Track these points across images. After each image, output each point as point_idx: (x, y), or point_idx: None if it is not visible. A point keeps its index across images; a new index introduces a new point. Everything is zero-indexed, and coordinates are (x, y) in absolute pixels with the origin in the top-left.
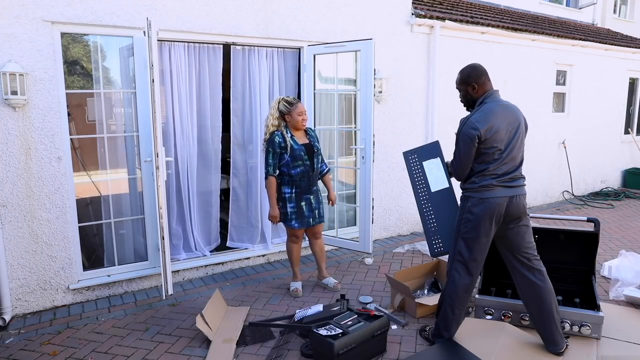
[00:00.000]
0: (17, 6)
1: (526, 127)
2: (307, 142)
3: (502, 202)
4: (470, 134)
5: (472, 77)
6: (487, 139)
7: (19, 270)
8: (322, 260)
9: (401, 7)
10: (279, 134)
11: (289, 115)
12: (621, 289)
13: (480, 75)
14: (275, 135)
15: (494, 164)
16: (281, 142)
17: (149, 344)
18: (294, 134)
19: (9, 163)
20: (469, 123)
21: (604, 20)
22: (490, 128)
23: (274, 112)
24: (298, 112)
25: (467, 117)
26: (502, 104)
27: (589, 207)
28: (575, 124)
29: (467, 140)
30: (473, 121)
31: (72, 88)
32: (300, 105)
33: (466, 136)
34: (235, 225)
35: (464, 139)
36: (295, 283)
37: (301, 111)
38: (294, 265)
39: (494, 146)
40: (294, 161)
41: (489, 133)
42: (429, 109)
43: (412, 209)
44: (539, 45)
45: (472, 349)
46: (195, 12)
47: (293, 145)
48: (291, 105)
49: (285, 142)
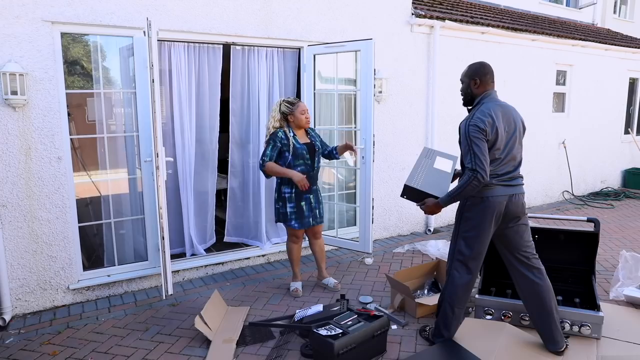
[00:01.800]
0: (17, 6)
1: (524, 128)
2: (309, 141)
3: (502, 200)
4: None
5: (478, 72)
6: (489, 139)
7: (19, 270)
8: (322, 261)
9: (401, 7)
10: (282, 131)
11: (292, 115)
12: (621, 289)
13: (486, 72)
14: (279, 131)
15: (494, 164)
16: (283, 138)
17: (149, 344)
18: (296, 134)
19: (9, 163)
20: (474, 121)
21: (604, 20)
22: (492, 127)
23: (275, 115)
24: (301, 111)
25: (467, 118)
26: (500, 104)
27: (589, 207)
28: (575, 124)
29: (477, 135)
30: (476, 120)
31: (72, 88)
32: (302, 103)
33: (475, 132)
34: (233, 223)
35: (474, 135)
36: (295, 283)
37: (304, 109)
38: (294, 265)
39: (494, 146)
40: (296, 160)
41: (491, 131)
42: (429, 109)
43: (412, 208)
44: (539, 45)
45: (472, 349)
46: (195, 12)
47: (295, 144)
48: (293, 105)
49: (288, 140)
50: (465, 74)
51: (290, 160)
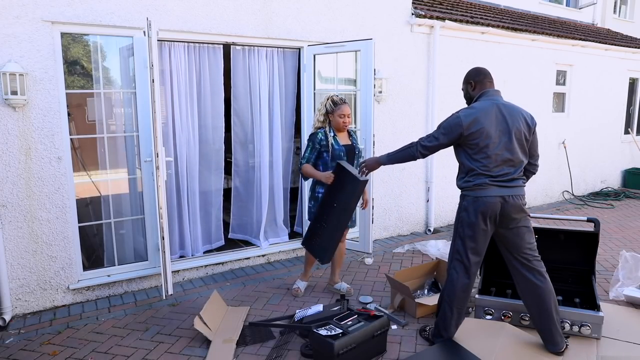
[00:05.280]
0: (17, 6)
1: (530, 129)
2: (349, 143)
3: (496, 201)
4: (452, 122)
5: (472, 75)
6: (471, 133)
7: (19, 270)
8: (338, 265)
9: (401, 7)
10: (322, 132)
11: (331, 115)
12: (621, 289)
13: (478, 74)
14: (319, 132)
15: (484, 163)
16: (322, 139)
17: (149, 344)
18: (337, 134)
19: (9, 163)
20: (455, 114)
21: (604, 20)
22: (475, 122)
23: (322, 109)
24: (340, 114)
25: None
26: (499, 103)
27: (589, 207)
28: (575, 124)
29: (448, 127)
30: (459, 114)
31: (72, 88)
32: (344, 107)
33: (448, 124)
34: (238, 221)
35: (446, 124)
36: (300, 282)
37: (343, 113)
38: (309, 264)
39: (478, 142)
40: (333, 161)
41: (473, 127)
42: (429, 109)
43: (412, 208)
44: (539, 45)
45: (472, 349)
46: (195, 12)
47: (334, 145)
48: (335, 106)
49: (327, 141)
50: (463, 80)
51: (328, 160)
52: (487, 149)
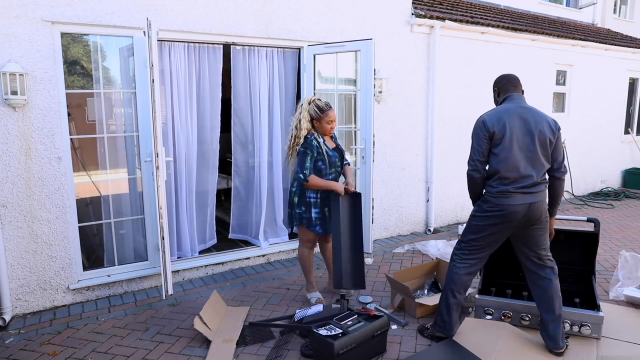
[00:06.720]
0: (17, 6)
1: (554, 133)
2: (335, 146)
3: (520, 209)
4: (476, 125)
5: (496, 82)
6: (494, 133)
7: (19, 270)
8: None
9: (401, 7)
10: (314, 139)
11: (317, 121)
12: (621, 289)
13: (501, 80)
14: (313, 138)
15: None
16: (318, 147)
17: (149, 344)
18: (325, 139)
19: (9, 163)
20: (479, 118)
21: (604, 20)
22: (497, 121)
23: (305, 115)
24: (327, 121)
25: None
26: (521, 106)
27: (589, 207)
28: (575, 124)
29: (477, 132)
30: (483, 116)
31: (72, 88)
32: (331, 112)
33: (476, 128)
34: (237, 221)
35: (475, 131)
36: (314, 294)
37: (331, 119)
38: (309, 273)
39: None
40: (329, 168)
41: (496, 126)
42: (429, 109)
43: (412, 208)
44: (539, 45)
45: (472, 349)
46: (195, 12)
47: (328, 151)
48: (322, 112)
49: (321, 148)
50: (492, 87)
51: (323, 168)
52: (504, 152)
